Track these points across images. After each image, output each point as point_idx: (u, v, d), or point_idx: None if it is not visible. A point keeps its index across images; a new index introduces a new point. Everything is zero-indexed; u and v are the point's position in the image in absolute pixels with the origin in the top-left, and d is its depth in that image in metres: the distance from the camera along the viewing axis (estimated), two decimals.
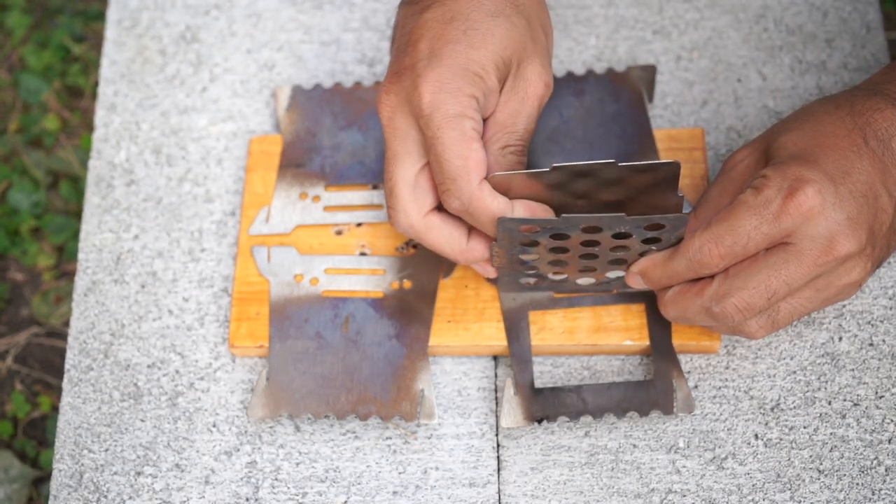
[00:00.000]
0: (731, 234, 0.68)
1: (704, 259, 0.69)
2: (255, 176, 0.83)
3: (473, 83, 0.69)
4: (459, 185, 0.69)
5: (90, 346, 0.81)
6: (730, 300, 0.69)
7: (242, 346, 0.78)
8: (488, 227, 0.70)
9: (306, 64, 0.88)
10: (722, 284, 0.70)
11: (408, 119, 0.70)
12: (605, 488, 0.75)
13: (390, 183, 0.71)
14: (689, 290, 0.71)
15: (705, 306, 0.70)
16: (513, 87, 0.71)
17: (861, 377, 0.77)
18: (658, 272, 0.72)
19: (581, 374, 0.78)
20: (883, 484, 0.74)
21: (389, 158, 0.71)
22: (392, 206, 0.71)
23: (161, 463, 0.77)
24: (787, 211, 0.67)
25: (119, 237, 0.84)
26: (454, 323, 0.78)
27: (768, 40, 0.87)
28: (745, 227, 0.68)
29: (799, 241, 0.68)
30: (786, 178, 0.68)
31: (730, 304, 0.69)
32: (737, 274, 0.69)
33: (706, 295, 0.70)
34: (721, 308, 0.70)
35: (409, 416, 0.75)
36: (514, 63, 0.71)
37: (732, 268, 0.70)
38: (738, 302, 0.69)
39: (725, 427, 0.76)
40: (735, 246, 0.68)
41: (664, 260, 0.71)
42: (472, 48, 0.69)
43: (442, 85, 0.68)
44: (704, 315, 0.71)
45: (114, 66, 0.89)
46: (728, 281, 0.69)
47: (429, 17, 0.70)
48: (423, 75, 0.69)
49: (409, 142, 0.70)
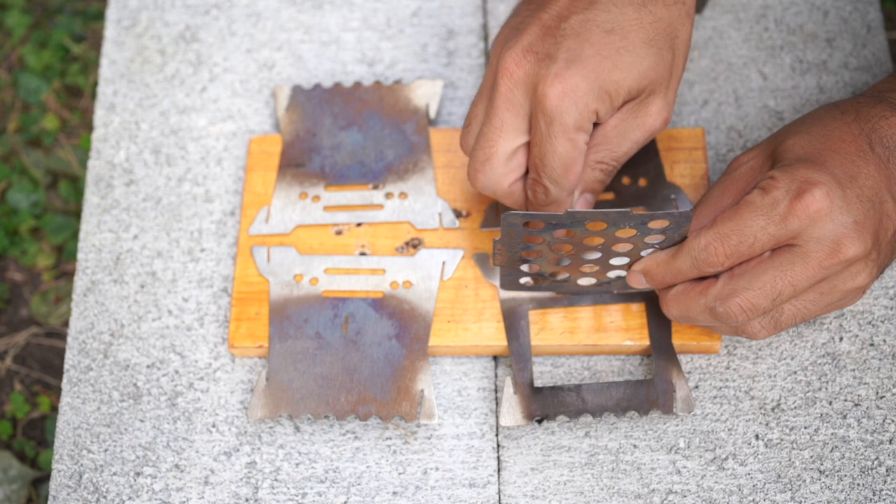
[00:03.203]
0: (737, 233, 0.68)
1: (709, 257, 0.69)
2: (255, 176, 0.83)
3: (602, 100, 0.69)
4: (552, 188, 0.71)
5: (90, 346, 0.80)
6: (734, 300, 0.69)
7: (242, 346, 0.78)
8: None
9: (306, 64, 0.88)
10: (727, 284, 0.69)
11: (526, 99, 0.70)
12: (605, 488, 0.75)
13: (489, 150, 0.71)
14: (693, 289, 0.71)
15: (709, 306, 0.70)
16: (634, 110, 0.71)
17: (862, 377, 0.77)
18: (661, 270, 0.72)
19: (581, 373, 0.78)
20: (884, 484, 0.74)
21: (495, 126, 0.71)
22: (480, 170, 0.72)
23: (161, 463, 0.77)
24: (794, 212, 0.67)
25: (118, 237, 0.84)
26: (454, 323, 0.78)
27: (769, 40, 0.87)
28: (751, 227, 0.68)
29: (805, 242, 0.68)
30: (794, 179, 0.68)
31: (734, 304, 0.69)
32: (742, 274, 0.69)
33: (710, 294, 0.70)
34: (725, 308, 0.70)
35: (409, 416, 0.75)
36: (645, 92, 0.71)
37: (737, 268, 0.70)
38: (742, 302, 0.69)
39: (726, 427, 0.76)
40: (741, 245, 0.68)
41: (668, 258, 0.71)
42: (616, 68, 0.69)
43: (573, 94, 0.69)
44: (708, 315, 0.71)
45: (113, 65, 0.89)
46: (733, 281, 0.69)
47: (590, 18, 0.70)
48: (559, 75, 0.69)
49: (520, 119, 0.71)
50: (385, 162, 0.82)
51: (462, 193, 0.81)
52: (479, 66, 0.87)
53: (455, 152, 0.83)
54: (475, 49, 0.88)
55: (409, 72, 0.88)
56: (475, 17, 0.89)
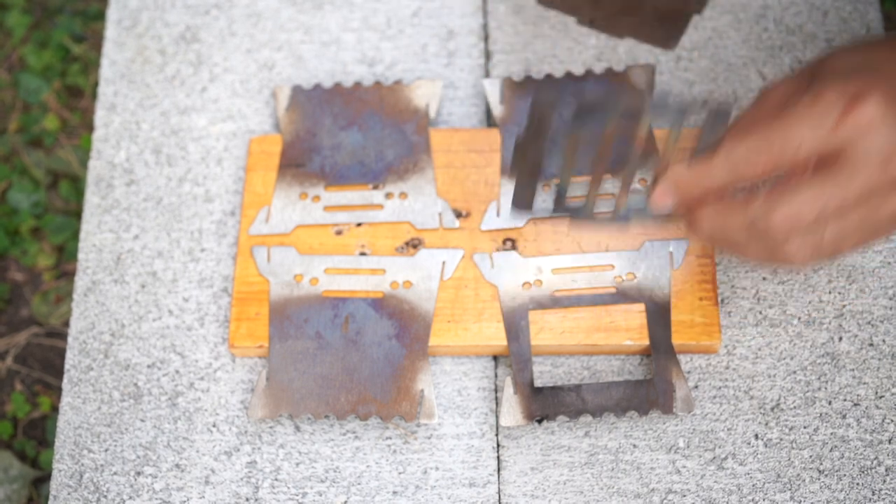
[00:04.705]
0: (781, 139, 0.63)
1: (749, 164, 0.64)
2: (255, 176, 0.83)
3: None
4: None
5: (90, 346, 0.81)
6: (777, 212, 0.64)
7: (242, 346, 0.78)
8: None
9: (306, 64, 0.88)
10: (769, 196, 0.65)
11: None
12: (605, 488, 0.75)
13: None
14: (732, 204, 0.66)
15: (749, 220, 0.65)
16: None
17: (861, 377, 0.77)
18: (693, 179, 0.67)
19: (581, 373, 0.78)
20: (883, 484, 0.74)
21: None
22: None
23: (161, 463, 0.77)
24: (845, 122, 0.63)
25: (119, 237, 0.84)
26: (454, 323, 0.78)
27: (768, 40, 0.87)
28: (797, 134, 0.63)
29: (854, 155, 0.63)
30: (846, 88, 0.63)
31: (777, 216, 0.64)
32: (784, 188, 0.65)
33: (752, 207, 0.65)
34: (766, 221, 0.65)
35: (409, 416, 0.75)
36: None
37: (780, 181, 0.65)
38: (787, 211, 0.64)
39: (725, 427, 0.76)
40: (784, 153, 0.64)
41: (701, 166, 0.66)
42: None
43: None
44: (745, 232, 0.66)
45: (114, 65, 0.89)
46: (776, 193, 0.65)
47: None
48: None
49: None
50: (385, 162, 0.83)
51: (462, 193, 0.82)
52: (479, 66, 0.88)
53: (455, 152, 0.83)
54: (475, 49, 0.88)
55: (409, 72, 0.88)
56: (475, 18, 0.89)
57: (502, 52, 0.88)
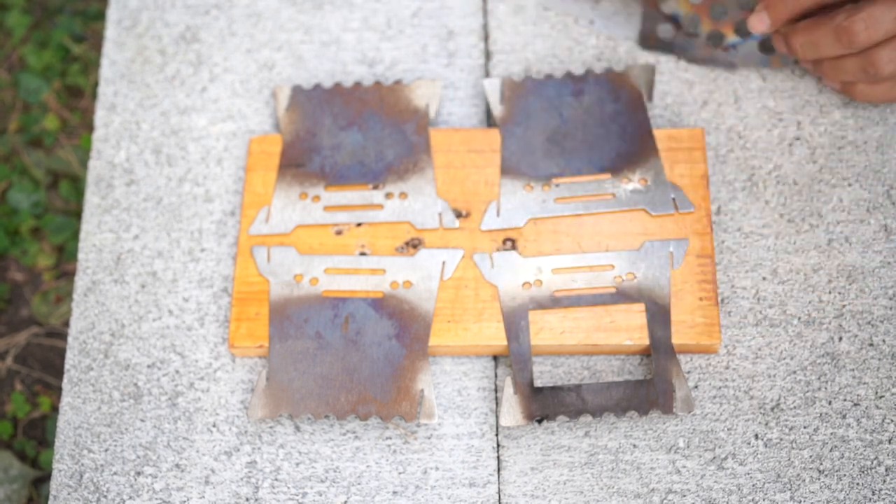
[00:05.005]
0: None
1: None
2: (255, 176, 0.83)
3: None
4: None
5: (90, 346, 0.81)
6: (858, 16, 0.75)
7: (242, 346, 0.78)
8: None
9: (306, 64, 0.88)
10: (851, 8, 0.75)
11: None
12: (605, 488, 0.75)
13: None
14: (819, 18, 0.77)
15: (835, 25, 0.76)
16: None
17: (861, 377, 0.77)
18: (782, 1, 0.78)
19: (581, 373, 0.78)
20: (883, 484, 0.74)
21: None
22: None
23: (161, 463, 0.77)
24: None
25: (119, 237, 0.84)
26: (454, 323, 0.78)
27: None
28: None
29: None
30: None
31: (857, 19, 0.75)
32: (865, 1, 0.75)
33: (838, 16, 0.76)
34: (849, 23, 0.75)
35: (408, 416, 0.75)
36: None
37: None
38: (865, 17, 0.75)
39: (725, 427, 0.76)
40: None
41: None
42: None
43: None
44: (833, 36, 0.76)
45: (114, 65, 0.89)
46: (857, 7, 0.75)
47: None
48: None
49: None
50: (385, 162, 0.83)
51: (462, 193, 0.82)
52: (479, 66, 0.88)
53: (455, 152, 0.83)
54: (475, 49, 0.88)
55: (409, 72, 0.88)
56: (475, 18, 0.89)
57: (502, 52, 0.88)
